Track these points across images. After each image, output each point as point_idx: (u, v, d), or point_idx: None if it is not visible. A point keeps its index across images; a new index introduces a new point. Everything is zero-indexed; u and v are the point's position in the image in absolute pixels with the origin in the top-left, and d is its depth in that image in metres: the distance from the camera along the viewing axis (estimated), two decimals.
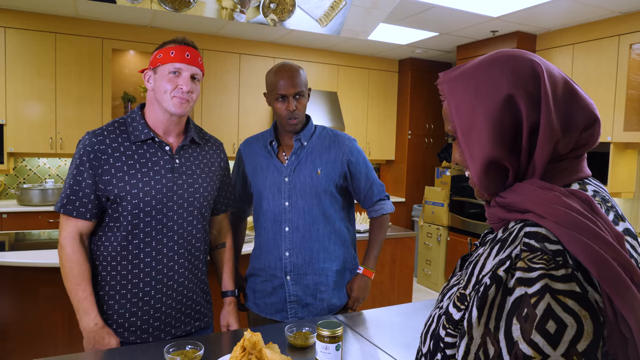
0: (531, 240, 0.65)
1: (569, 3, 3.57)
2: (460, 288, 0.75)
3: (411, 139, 5.88)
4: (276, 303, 1.83)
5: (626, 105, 3.73)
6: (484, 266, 0.72)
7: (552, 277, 0.61)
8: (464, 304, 0.71)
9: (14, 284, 2.42)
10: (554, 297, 0.59)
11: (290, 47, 5.35)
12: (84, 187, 1.49)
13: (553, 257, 0.62)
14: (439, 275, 5.23)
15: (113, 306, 1.52)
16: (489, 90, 0.73)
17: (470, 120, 0.75)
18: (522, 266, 0.63)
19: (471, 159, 0.76)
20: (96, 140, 1.50)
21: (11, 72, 4.19)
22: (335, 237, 1.84)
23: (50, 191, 4.25)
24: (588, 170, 0.77)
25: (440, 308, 0.79)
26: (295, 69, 1.78)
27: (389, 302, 3.53)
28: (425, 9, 3.85)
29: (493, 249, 0.72)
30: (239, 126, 5.13)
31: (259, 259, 1.87)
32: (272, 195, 1.81)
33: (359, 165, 1.87)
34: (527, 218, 0.69)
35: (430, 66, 5.93)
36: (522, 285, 0.62)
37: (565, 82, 0.74)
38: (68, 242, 1.49)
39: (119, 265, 1.51)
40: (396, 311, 1.87)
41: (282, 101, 1.76)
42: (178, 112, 1.52)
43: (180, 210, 1.56)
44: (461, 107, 0.76)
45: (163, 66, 1.50)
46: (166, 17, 4.29)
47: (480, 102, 0.73)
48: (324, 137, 1.87)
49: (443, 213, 5.20)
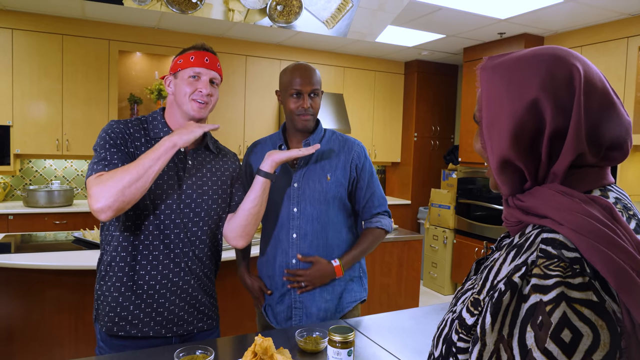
0: (548, 247, 0.64)
1: (577, 5, 3.55)
2: (474, 293, 0.74)
3: (417, 141, 5.86)
4: (284, 311, 1.81)
5: (635, 107, 3.71)
6: (499, 271, 0.70)
7: (568, 285, 0.59)
8: (478, 309, 0.70)
9: (20, 285, 2.42)
10: (569, 306, 0.58)
11: (297, 49, 5.35)
12: (122, 149, 1.47)
13: (570, 265, 0.61)
14: (445, 278, 5.20)
15: (117, 298, 1.52)
16: (518, 89, 0.71)
17: (496, 115, 0.73)
18: (538, 273, 0.62)
19: (490, 152, 0.75)
20: (122, 126, 1.53)
21: (18, 74, 4.20)
22: (343, 245, 1.82)
23: (56, 193, 4.26)
24: (611, 177, 0.75)
25: (454, 312, 0.78)
26: (312, 68, 1.78)
27: (396, 305, 3.51)
28: (432, 11, 3.84)
29: (509, 255, 0.71)
30: (245, 128, 5.12)
31: (267, 265, 1.85)
32: (281, 200, 1.78)
33: (364, 171, 1.84)
34: (545, 224, 0.68)
35: (436, 68, 5.91)
36: (538, 292, 0.61)
37: (605, 95, 0.71)
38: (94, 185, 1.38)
39: (125, 259, 1.52)
40: (406, 315, 1.86)
41: (296, 98, 1.74)
42: (197, 115, 1.55)
43: (187, 209, 1.57)
44: (491, 99, 0.75)
45: (183, 71, 1.55)
46: (173, 18, 4.29)
47: (508, 99, 0.72)
48: (334, 141, 1.85)
49: (449, 215, 5.17)
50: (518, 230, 0.76)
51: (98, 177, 1.38)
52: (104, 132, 1.51)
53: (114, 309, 1.53)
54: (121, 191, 1.34)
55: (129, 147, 1.51)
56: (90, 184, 1.38)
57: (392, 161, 6.05)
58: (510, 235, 0.80)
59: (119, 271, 1.53)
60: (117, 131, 1.51)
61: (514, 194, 0.76)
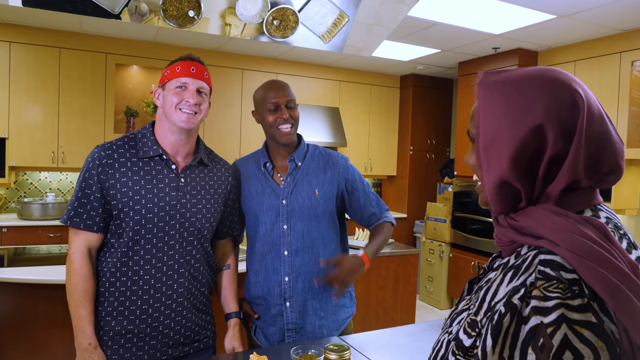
0: (546, 269, 0.64)
1: (570, 21, 3.60)
2: (470, 314, 0.74)
3: (413, 155, 5.88)
4: (275, 333, 1.76)
5: (629, 122, 3.74)
6: (497, 293, 0.70)
7: (568, 306, 0.59)
8: (475, 331, 0.70)
9: (13, 300, 2.39)
10: (570, 328, 0.58)
11: (293, 62, 5.37)
12: (91, 200, 1.49)
13: (569, 286, 0.61)
14: (441, 293, 5.18)
15: (110, 323, 1.51)
16: (521, 113, 0.71)
17: (495, 134, 0.73)
18: (538, 295, 0.62)
19: (487, 172, 0.74)
20: (104, 154, 1.51)
21: (15, 86, 4.20)
22: None
23: (50, 205, 4.23)
24: (600, 198, 0.76)
25: (450, 333, 0.78)
26: (284, 82, 1.79)
27: (392, 321, 3.49)
28: (428, 27, 3.88)
29: (506, 276, 0.71)
30: (241, 142, 5.13)
31: (256, 286, 1.80)
32: (270, 218, 1.75)
33: (355, 182, 1.83)
34: (541, 245, 0.68)
35: (431, 82, 5.95)
36: (538, 314, 0.61)
37: (601, 120, 0.72)
38: (76, 257, 1.49)
39: (118, 281, 1.51)
40: (402, 332, 1.84)
41: (274, 112, 1.73)
42: (185, 126, 1.52)
43: (182, 229, 1.55)
44: (489, 117, 0.74)
45: (170, 82, 1.54)
46: (170, 33, 4.32)
47: (510, 122, 0.71)
48: (318, 156, 1.83)
49: (445, 229, 5.17)
50: (511, 250, 0.76)
51: (69, 264, 1.50)
52: (85, 167, 1.51)
53: (107, 333, 1.51)
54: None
55: (110, 178, 1.49)
56: (69, 237, 1.53)
57: (388, 174, 6.06)
58: (503, 255, 0.80)
59: (109, 296, 1.51)
60: (97, 163, 1.49)
61: (507, 213, 0.76)
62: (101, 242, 1.54)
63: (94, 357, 1.47)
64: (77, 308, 1.48)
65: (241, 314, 1.76)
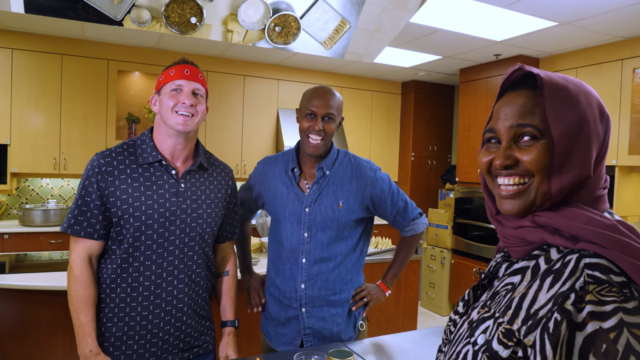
0: (595, 272, 0.63)
1: (571, 28, 3.60)
2: (502, 323, 0.71)
3: (414, 161, 5.88)
4: (288, 334, 1.78)
5: (630, 128, 3.73)
6: (536, 299, 0.68)
7: (625, 310, 0.59)
8: (513, 340, 0.67)
9: (14, 306, 2.38)
10: (629, 332, 0.58)
11: (295, 69, 5.39)
12: (91, 207, 1.49)
13: (620, 290, 0.61)
14: (443, 299, 5.16)
15: (111, 329, 1.51)
16: (597, 110, 0.75)
17: (576, 131, 0.72)
18: (592, 299, 0.61)
19: (559, 169, 0.72)
20: (104, 162, 1.51)
21: (17, 93, 4.21)
22: (352, 268, 1.80)
23: (52, 212, 4.23)
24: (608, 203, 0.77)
25: (474, 344, 0.74)
26: (332, 93, 1.74)
27: (394, 327, 3.47)
28: (429, 33, 3.89)
29: (544, 282, 0.68)
30: (243, 148, 5.13)
31: (272, 287, 1.83)
32: (291, 225, 1.75)
33: (383, 194, 1.80)
34: (584, 248, 0.66)
35: (433, 88, 5.96)
36: (596, 320, 0.60)
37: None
38: (77, 264, 1.49)
39: (118, 287, 1.50)
40: (404, 338, 1.83)
41: (309, 118, 1.71)
42: (182, 129, 1.52)
43: (182, 235, 1.55)
44: (565, 113, 0.73)
45: (165, 86, 1.55)
46: (171, 39, 4.33)
47: (590, 117, 0.73)
48: (347, 164, 1.81)
49: (447, 235, 5.16)
50: (525, 252, 0.74)
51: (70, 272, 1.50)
52: (84, 175, 1.51)
53: (108, 339, 1.51)
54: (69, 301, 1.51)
55: (109, 186, 1.49)
56: (70, 245, 1.53)
57: None
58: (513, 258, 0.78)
59: (110, 302, 1.51)
60: (97, 170, 1.49)
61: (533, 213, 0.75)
62: (102, 250, 1.54)
63: None
64: (78, 315, 1.47)
65: (236, 322, 1.76)
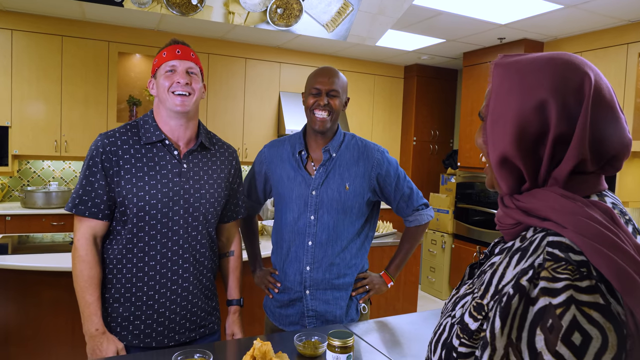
0: (555, 250, 0.64)
1: (576, 11, 3.56)
2: (476, 297, 0.74)
3: (416, 145, 5.87)
4: (292, 315, 1.80)
5: (634, 113, 3.72)
6: (504, 275, 0.70)
7: (577, 288, 0.60)
8: (481, 314, 0.70)
9: (17, 287, 2.40)
10: (578, 309, 0.59)
11: (296, 52, 5.35)
12: (96, 187, 1.49)
13: (577, 268, 0.62)
14: (443, 283, 5.20)
15: (117, 309, 1.52)
16: (529, 89, 0.72)
17: (502, 111, 0.74)
18: (546, 276, 0.63)
19: (492, 148, 0.75)
20: (108, 142, 1.52)
21: (17, 75, 4.19)
22: (357, 252, 1.81)
23: (54, 194, 4.24)
24: (605, 184, 0.77)
25: (453, 317, 0.78)
26: (336, 72, 1.76)
27: (394, 310, 3.50)
28: (433, 16, 3.84)
29: (512, 259, 0.71)
30: (244, 131, 5.12)
31: (278, 269, 1.84)
32: (298, 207, 1.76)
33: (389, 176, 1.80)
34: (547, 227, 0.68)
35: (436, 72, 5.92)
36: (547, 296, 0.61)
37: (612, 107, 0.72)
38: (82, 244, 1.50)
39: (124, 268, 1.52)
40: (405, 320, 1.85)
41: (314, 96, 1.73)
42: (180, 109, 1.53)
43: (186, 215, 1.56)
44: (500, 95, 0.75)
45: (159, 68, 1.56)
46: (173, 21, 4.29)
47: (517, 97, 0.73)
48: (353, 147, 1.81)
49: (448, 220, 5.17)
50: (514, 234, 0.76)
51: (74, 252, 1.52)
52: (89, 155, 1.52)
53: (115, 319, 1.52)
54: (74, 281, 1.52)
55: (114, 166, 1.49)
56: (74, 225, 1.55)
57: None
58: (505, 240, 0.80)
59: (117, 282, 1.53)
60: (101, 151, 1.50)
61: (512, 194, 0.76)
62: (106, 230, 1.55)
63: (103, 342, 1.48)
64: (83, 294, 1.49)
65: (241, 301, 1.78)
